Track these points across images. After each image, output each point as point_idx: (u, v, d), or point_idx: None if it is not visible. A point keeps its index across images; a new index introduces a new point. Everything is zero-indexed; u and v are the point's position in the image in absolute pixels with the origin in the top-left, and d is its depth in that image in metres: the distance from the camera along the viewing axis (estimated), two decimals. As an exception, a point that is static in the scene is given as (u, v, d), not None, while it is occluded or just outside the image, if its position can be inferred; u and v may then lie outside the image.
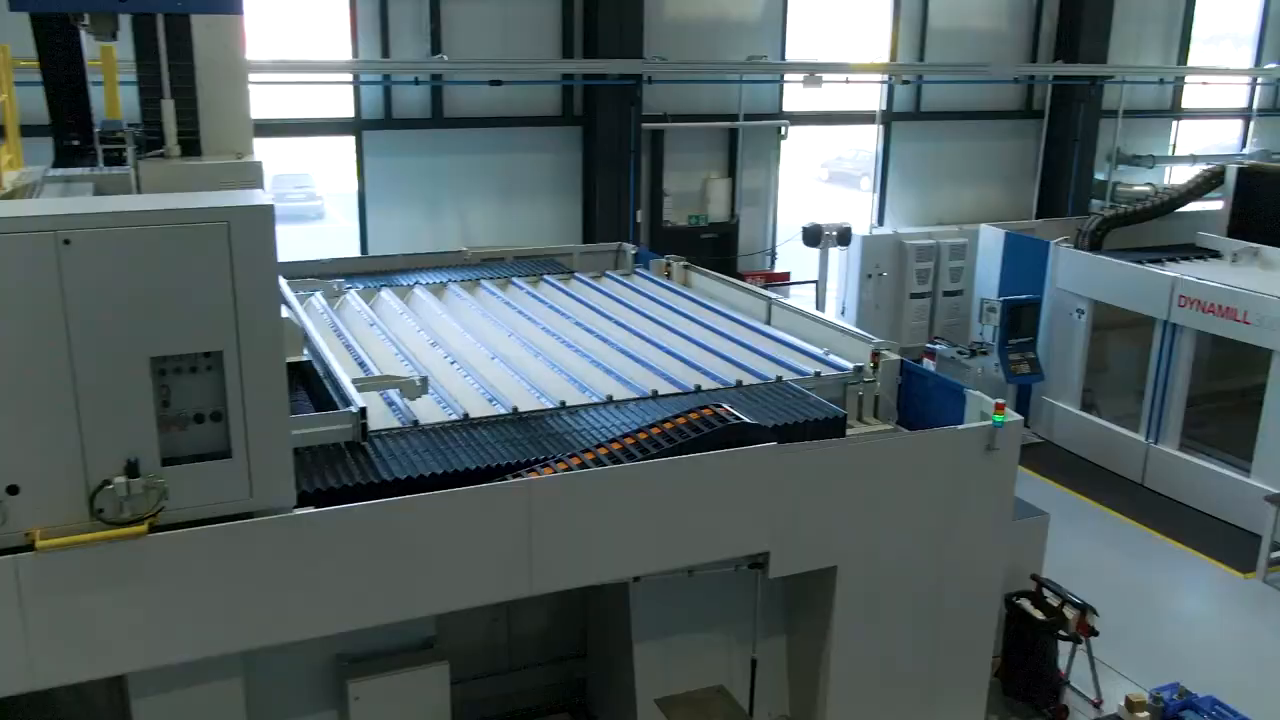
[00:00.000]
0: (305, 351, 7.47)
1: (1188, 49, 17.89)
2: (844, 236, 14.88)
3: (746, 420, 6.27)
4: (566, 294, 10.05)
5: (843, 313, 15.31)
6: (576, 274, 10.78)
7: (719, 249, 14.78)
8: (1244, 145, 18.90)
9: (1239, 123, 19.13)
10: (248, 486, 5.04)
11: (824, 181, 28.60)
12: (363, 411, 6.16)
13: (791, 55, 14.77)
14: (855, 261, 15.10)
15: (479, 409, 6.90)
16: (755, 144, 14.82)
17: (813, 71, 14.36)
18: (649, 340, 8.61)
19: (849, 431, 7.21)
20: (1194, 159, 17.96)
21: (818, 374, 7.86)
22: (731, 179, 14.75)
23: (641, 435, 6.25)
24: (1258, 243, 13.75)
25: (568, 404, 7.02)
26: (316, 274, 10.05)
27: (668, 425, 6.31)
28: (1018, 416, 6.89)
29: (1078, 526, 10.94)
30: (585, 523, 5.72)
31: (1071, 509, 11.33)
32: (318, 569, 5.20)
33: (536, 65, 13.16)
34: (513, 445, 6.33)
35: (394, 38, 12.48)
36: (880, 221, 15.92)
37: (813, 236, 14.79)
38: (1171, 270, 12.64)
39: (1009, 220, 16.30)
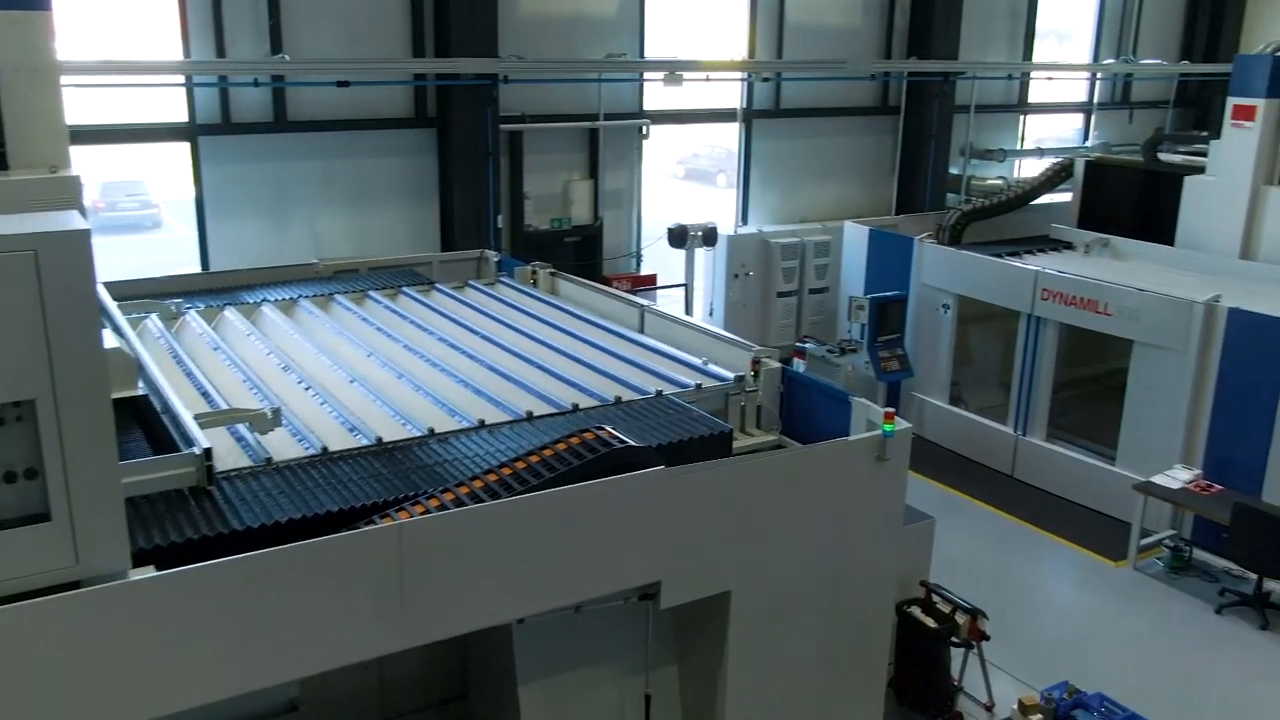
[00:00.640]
0: (139, 384, 6.75)
1: (1031, 46, 18.35)
2: (709, 237, 14.69)
3: (631, 443, 5.88)
4: (428, 307, 9.49)
5: (710, 314, 15.12)
6: (437, 285, 10.22)
7: (583, 252, 14.38)
8: (1086, 138, 19.52)
9: (1080, 116, 19.74)
10: (72, 552, 4.37)
11: (680, 179, 28.48)
12: (207, 452, 5.50)
13: (650, 53, 14.48)
14: (721, 261, 14.92)
15: (339, 441, 6.33)
16: (617, 144, 14.47)
17: (672, 70, 14.09)
18: (520, 355, 8.14)
19: (733, 444, 6.92)
20: (1041, 152, 18.46)
21: (699, 386, 7.53)
22: (594, 180, 14.37)
23: (519, 464, 5.80)
24: (1107, 233, 14.11)
25: (436, 431, 6.50)
26: (151, 293, 9.24)
27: (547, 452, 5.87)
28: (907, 425, 6.70)
29: (954, 523, 10.93)
30: (463, 566, 5.23)
31: (946, 505, 11.34)
32: (160, 639, 4.57)
33: (386, 65, 12.50)
34: (378, 481, 5.80)
35: (229, 36, 11.63)
36: (744, 220, 15.79)
37: (678, 237, 14.55)
38: (1032, 263, 12.82)
39: (869, 216, 16.40)
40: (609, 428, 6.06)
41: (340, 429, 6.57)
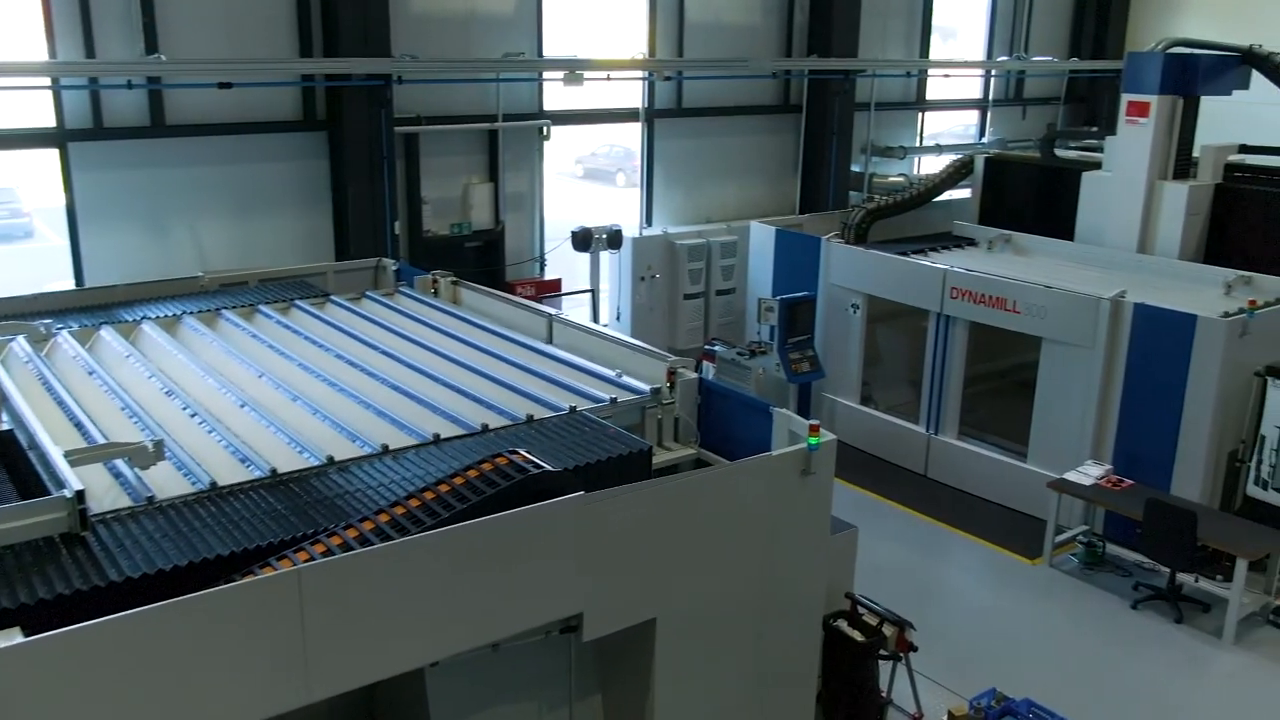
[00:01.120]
0: (3, 417, 6.17)
1: (928, 43, 18.46)
2: (614, 239, 14.39)
3: (547, 468, 5.52)
4: (323, 321, 8.98)
5: (618, 318, 14.81)
6: (332, 296, 9.71)
7: (485, 258, 13.94)
8: (982, 135, 19.74)
9: (976, 113, 19.96)
10: (-81, 621, 3.86)
11: (579, 178, 28.10)
12: (80, 495, 5.00)
13: (549, 52, 14.09)
14: (626, 264, 14.62)
15: (229, 474, 5.84)
16: (517, 146, 14.05)
17: (572, 69, 13.72)
18: (423, 372, 7.71)
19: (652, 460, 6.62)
20: (940, 149, 18.60)
21: (614, 400, 7.21)
22: (494, 183, 13.92)
23: (428, 495, 5.40)
24: (1008, 229, 14.22)
25: (336, 459, 6.06)
26: (18, 312, 8.57)
27: (457, 480, 5.48)
28: (831, 437, 6.48)
29: (870, 525, 10.73)
30: (370, 610, 4.81)
31: (862, 507, 11.23)
32: (28, 714, 4.07)
33: (270, 65, 11.87)
34: (274, 519, 5.34)
35: (100, 36, 10.88)
36: (648, 222, 15.51)
37: (582, 241, 14.22)
38: (938, 261, 12.82)
39: (774, 215, 16.29)
40: (522, 451, 5.69)
41: (231, 460, 6.08)
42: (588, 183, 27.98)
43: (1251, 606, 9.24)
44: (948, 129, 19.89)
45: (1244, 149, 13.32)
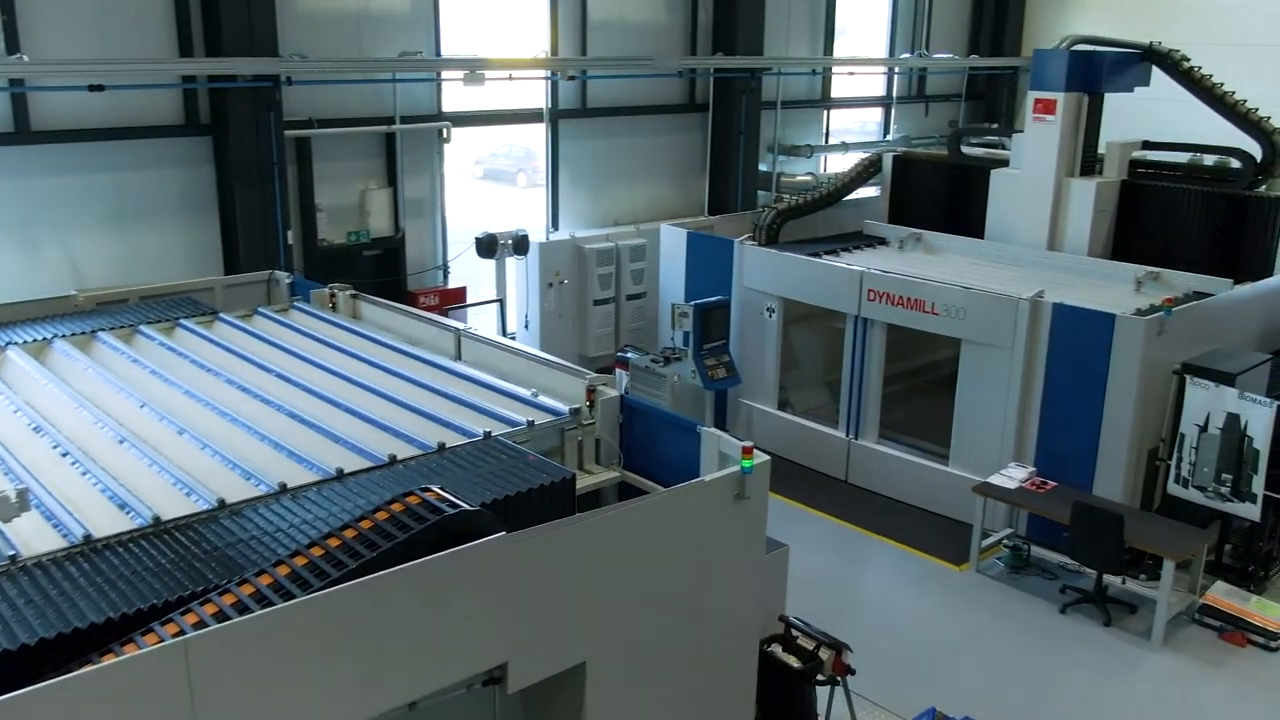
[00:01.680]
0: None
1: (832, 41, 18.35)
2: (520, 245, 13.90)
3: (465, 506, 5.04)
4: (211, 342, 8.31)
5: (526, 326, 14.33)
6: (221, 314, 9.03)
7: (386, 267, 13.32)
8: (886, 132, 19.72)
9: (880, 111, 19.94)
10: None
11: (479, 179, 27.45)
12: (-74, 560, 4.37)
13: (448, 51, 13.52)
14: (534, 270, 14.14)
15: (107, 523, 5.23)
16: (415, 149, 13.45)
17: (472, 68, 13.19)
18: (323, 397, 7.13)
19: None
20: (846, 147, 18.50)
21: (531, 423, 6.75)
22: (392, 188, 13.31)
23: (332, 542, 4.87)
24: (918, 227, 14.13)
25: (229, 502, 5.48)
26: None
27: (365, 524, 4.96)
28: (765, 458, 6.13)
29: (792, 534, 10.34)
30: (270, 678, 4.28)
31: (783, 516, 10.94)
32: None
33: (146, 66, 11.08)
34: (158, 577, 4.75)
35: (-46, 35, 10.03)
36: (555, 226, 15.04)
37: (487, 247, 13.70)
38: (851, 262, 12.63)
39: (683, 217, 15.99)
40: (436, 488, 5.20)
41: (108, 507, 5.46)
42: (488, 183, 27.36)
43: (1178, 606, 9.20)
44: (851, 126, 19.83)
45: (1147, 145, 13.43)
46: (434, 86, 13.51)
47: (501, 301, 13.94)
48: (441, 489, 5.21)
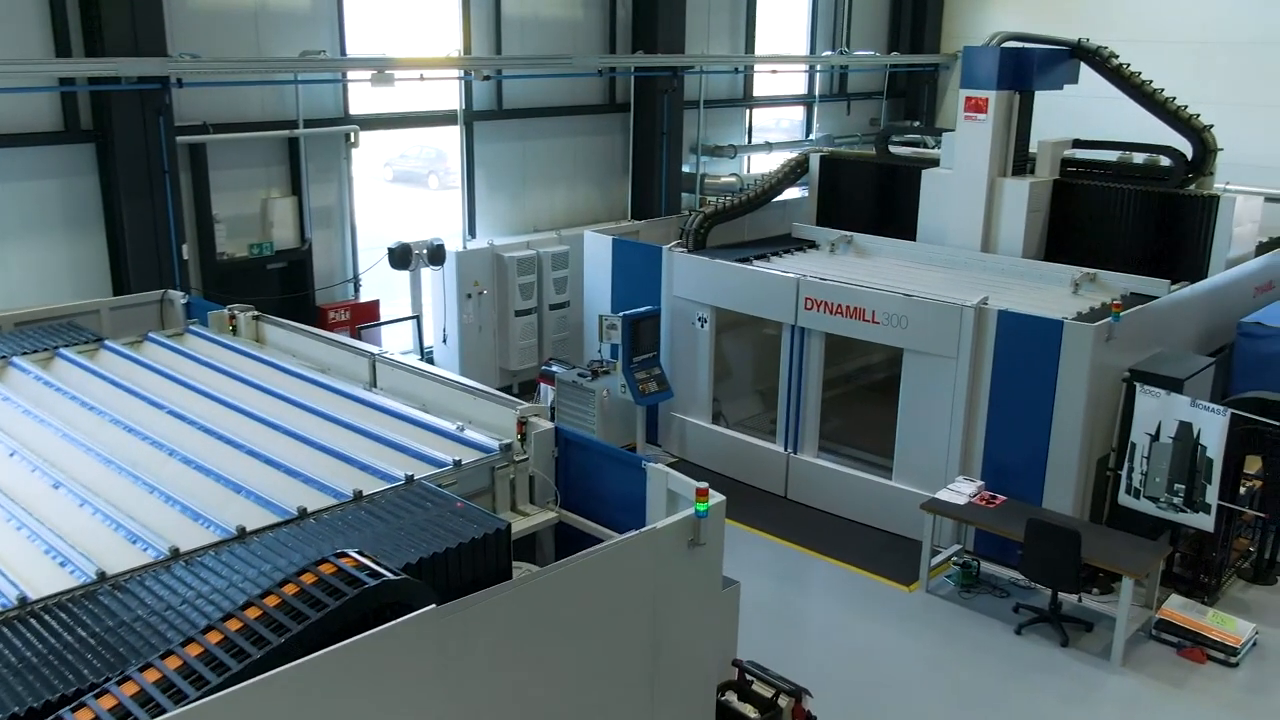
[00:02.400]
0: None
1: (753, 38, 17.90)
2: (436, 255, 13.15)
3: (389, 575, 4.38)
4: (94, 374, 7.48)
5: (444, 340, 13.58)
6: (106, 342, 8.19)
7: (292, 281, 12.46)
8: (809, 131, 19.36)
9: (802, 109, 19.56)
10: None
11: (389, 182, 26.49)
12: None
13: (354, 50, 12.70)
14: (451, 281, 13.40)
15: (-42, 608, 4.44)
16: (321, 154, 12.60)
17: (380, 68, 12.41)
18: (222, 438, 6.38)
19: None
20: (770, 146, 18.09)
21: (458, 463, 6.09)
22: (297, 197, 12.44)
23: (233, 624, 4.17)
24: (847, 229, 13.74)
25: (110, 574, 4.73)
26: None
27: (271, 601, 4.27)
28: (720, 498, 5.55)
29: (733, 557, 9.77)
30: (157, 803, 3.57)
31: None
32: None
33: (18, 67, 10.06)
34: (21, 676, 4.00)
35: None
36: (472, 233, 14.30)
37: (401, 258, 12.92)
38: (784, 267, 12.17)
39: (605, 221, 15.41)
40: (353, 551, 4.53)
41: (-39, 585, 4.66)
42: (399, 186, 26.39)
43: (1135, 622, 8.88)
44: (774, 125, 19.43)
45: (1078, 144, 13.21)
46: (339, 88, 12.68)
47: (418, 318, 13.18)
48: (360, 553, 4.55)
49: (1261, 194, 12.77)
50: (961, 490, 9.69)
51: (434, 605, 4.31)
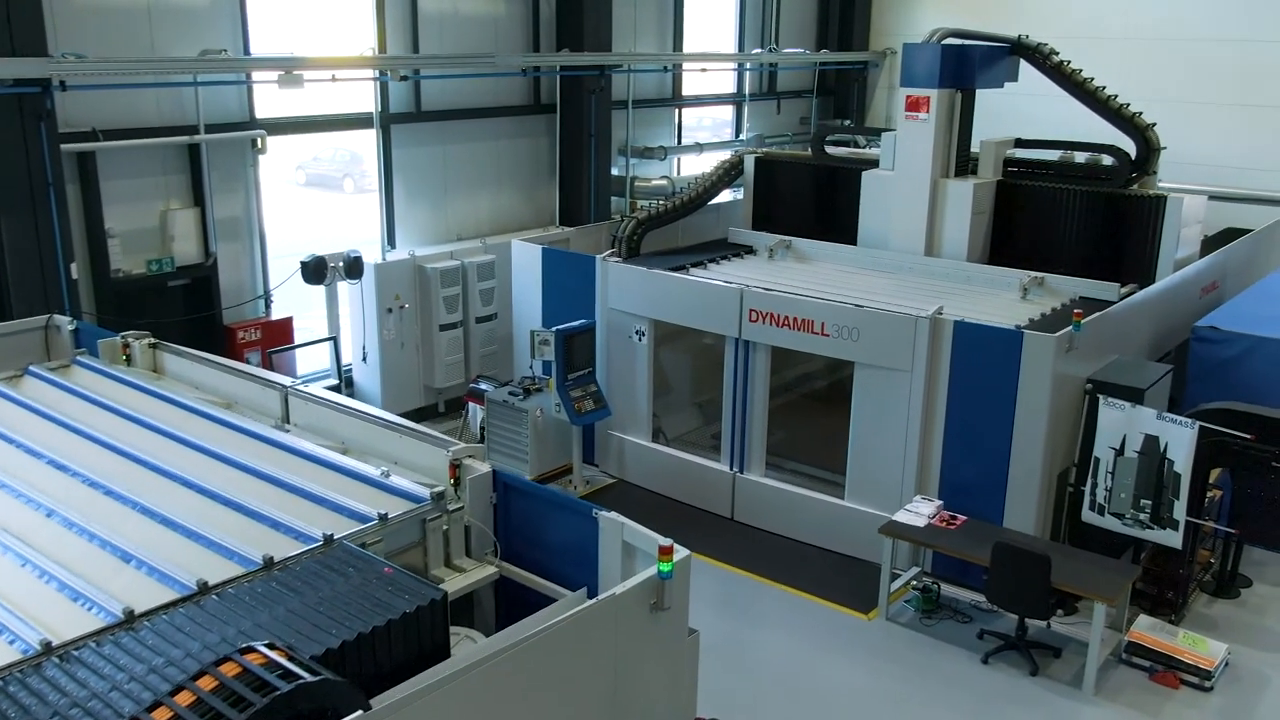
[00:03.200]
0: None
1: (681, 37, 17.31)
2: (353, 268, 12.32)
3: (307, 677, 3.67)
4: (-36, 419, 6.59)
5: (365, 359, 12.74)
6: (-19, 378, 7.29)
7: (196, 300, 11.51)
8: (739, 131, 18.83)
9: (731, 109, 19.03)
10: None
11: (301, 185, 25.43)
12: None
13: (258, 50, 11.79)
14: (370, 295, 12.57)
15: None
16: (225, 161, 11.68)
17: (289, 68, 11.55)
18: (110, 493, 5.59)
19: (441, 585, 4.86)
20: (700, 147, 17.52)
21: (384, 517, 5.37)
22: (200, 208, 11.50)
23: (114, 749, 3.43)
24: (784, 233, 13.23)
25: (-36, 680, 3.93)
26: None
27: (162, 716, 3.54)
28: (685, 554, 4.93)
29: (682, 588, 9.38)
30: None
31: (669, 565, 9.76)
32: None
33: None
34: None
35: None
36: (391, 243, 13.47)
37: (316, 272, 12.07)
38: (721, 275, 11.60)
39: (532, 228, 14.67)
40: (262, 647, 3.82)
41: None
42: (312, 190, 25.31)
43: (1106, 646, 8.45)
44: (702, 125, 18.87)
45: (1020, 143, 12.85)
46: (244, 90, 11.76)
47: (335, 339, 12.33)
48: (270, 645, 3.84)
49: (1205, 192, 12.55)
50: (920, 511, 9.20)
51: (361, 711, 3.62)
